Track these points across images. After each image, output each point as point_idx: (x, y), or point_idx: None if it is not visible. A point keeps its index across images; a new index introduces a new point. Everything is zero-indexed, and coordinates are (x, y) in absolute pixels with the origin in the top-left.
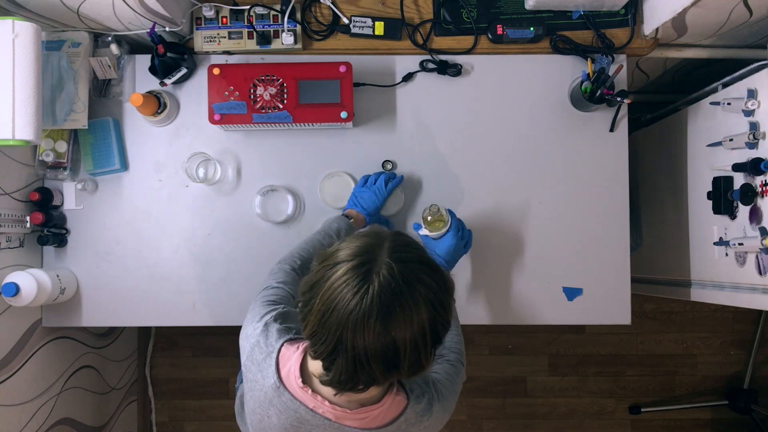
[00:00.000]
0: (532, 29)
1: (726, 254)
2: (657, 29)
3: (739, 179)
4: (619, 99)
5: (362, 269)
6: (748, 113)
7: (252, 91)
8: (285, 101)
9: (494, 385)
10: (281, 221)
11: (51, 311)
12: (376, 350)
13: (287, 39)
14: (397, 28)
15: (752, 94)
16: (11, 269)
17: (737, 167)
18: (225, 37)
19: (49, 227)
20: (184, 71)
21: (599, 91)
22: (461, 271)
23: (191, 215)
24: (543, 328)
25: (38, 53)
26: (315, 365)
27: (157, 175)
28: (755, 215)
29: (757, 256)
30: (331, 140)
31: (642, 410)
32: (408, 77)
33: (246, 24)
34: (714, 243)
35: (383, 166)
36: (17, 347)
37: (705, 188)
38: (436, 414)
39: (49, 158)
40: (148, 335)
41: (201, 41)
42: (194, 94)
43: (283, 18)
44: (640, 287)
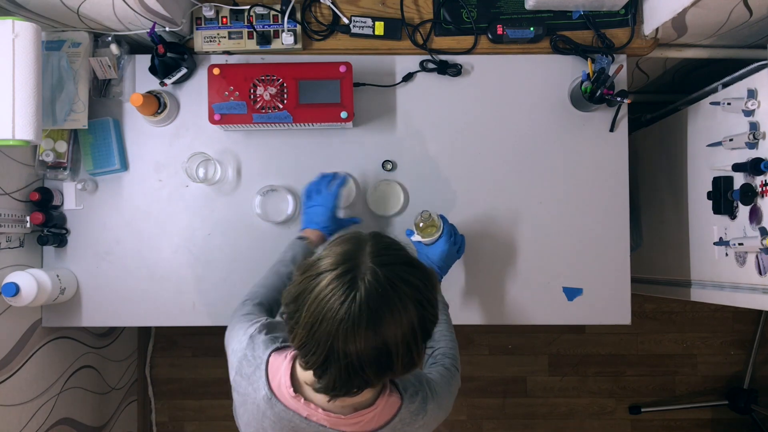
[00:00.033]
0: (532, 29)
1: (726, 254)
2: (657, 29)
3: (739, 179)
4: (619, 99)
5: (347, 277)
6: (748, 113)
7: (252, 91)
8: (285, 101)
9: (494, 385)
10: (281, 221)
11: (51, 311)
12: (369, 355)
13: (287, 39)
14: (397, 28)
15: (752, 94)
16: (11, 269)
17: (737, 167)
18: (225, 37)
19: (49, 227)
20: (184, 71)
21: (599, 91)
22: (462, 272)
23: (191, 215)
24: (543, 328)
25: (38, 53)
26: (306, 373)
27: (157, 175)
28: (755, 215)
29: (757, 256)
30: (331, 140)
31: (642, 410)
32: (408, 77)
33: (246, 24)
34: (714, 243)
35: (383, 166)
36: (17, 347)
37: (705, 188)
38: (431, 412)
39: (49, 158)
40: (148, 335)
41: (201, 41)
42: (194, 94)
43: (283, 18)
44: (640, 287)
